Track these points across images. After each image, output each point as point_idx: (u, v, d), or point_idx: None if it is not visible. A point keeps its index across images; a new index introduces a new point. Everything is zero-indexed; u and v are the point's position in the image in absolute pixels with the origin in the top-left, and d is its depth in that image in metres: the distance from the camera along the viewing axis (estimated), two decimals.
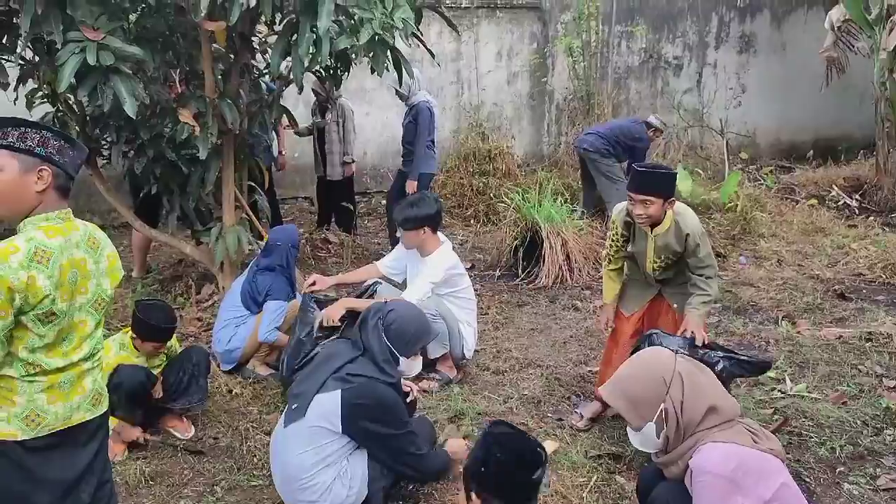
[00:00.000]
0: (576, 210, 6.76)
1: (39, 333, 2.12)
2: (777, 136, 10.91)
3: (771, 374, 4.36)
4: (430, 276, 4.24)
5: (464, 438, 3.42)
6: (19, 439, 2.14)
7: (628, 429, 2.57)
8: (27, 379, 2.14)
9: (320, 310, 4.07)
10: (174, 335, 3.92)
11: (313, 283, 4.30)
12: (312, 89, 6.66)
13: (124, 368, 3.59)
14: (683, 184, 7.54)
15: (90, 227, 2.33)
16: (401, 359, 3.08)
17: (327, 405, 2.88)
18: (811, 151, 10.22)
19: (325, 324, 3.96)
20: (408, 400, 3.35)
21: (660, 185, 3.46)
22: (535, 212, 6.21)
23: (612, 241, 3.86)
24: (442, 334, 4.21)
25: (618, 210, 3.79)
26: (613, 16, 9.70)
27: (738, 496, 2.25)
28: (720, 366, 3.23)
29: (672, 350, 2.72)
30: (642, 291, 3.88)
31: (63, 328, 2.18)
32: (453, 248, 4.53)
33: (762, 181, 8.79)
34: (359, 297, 4.45)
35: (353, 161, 7.25)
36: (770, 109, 10.64)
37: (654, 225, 3.57)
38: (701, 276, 3.59)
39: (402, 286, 4.53)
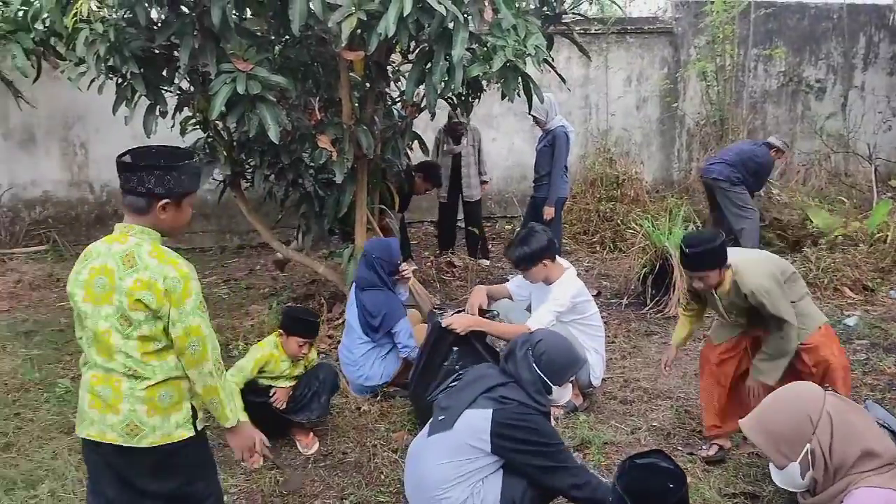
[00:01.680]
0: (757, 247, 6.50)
1: (78, 333, 2.45)
2: None
3: None
4: (555, 305, 4.19)
5: None
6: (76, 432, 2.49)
7: (771, 465, 2.43)
8: (82, 369, 2.47)
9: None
10: (314, 349, 4.08)
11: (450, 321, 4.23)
12: (454, 122, 6.92)
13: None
14: (818, 217, 7.14)
15: (143, 248, 2.33)
16: (553, 388, 3.05)
17: (477, 422, 2.89)
18: None
19: (457, 330, 4.03)
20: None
21: (709, 261, 3.49)
22: (666, 239, 6.04)
23: (685, 295, 3.97)
24: None
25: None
26: (750, 38, 9.37)
27: None
28: None
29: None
30: (731, 326, 3.78)
31: (89, 331, 2.38)
32: (578, 274, 4.47)
33: None
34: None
35: (490, 180, 7.53)
36: None
37: (716, 288, 3.59)
38: (775, 326, 3.50)
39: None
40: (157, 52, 4.64)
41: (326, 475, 3.73)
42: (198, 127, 5.24)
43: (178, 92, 4.94)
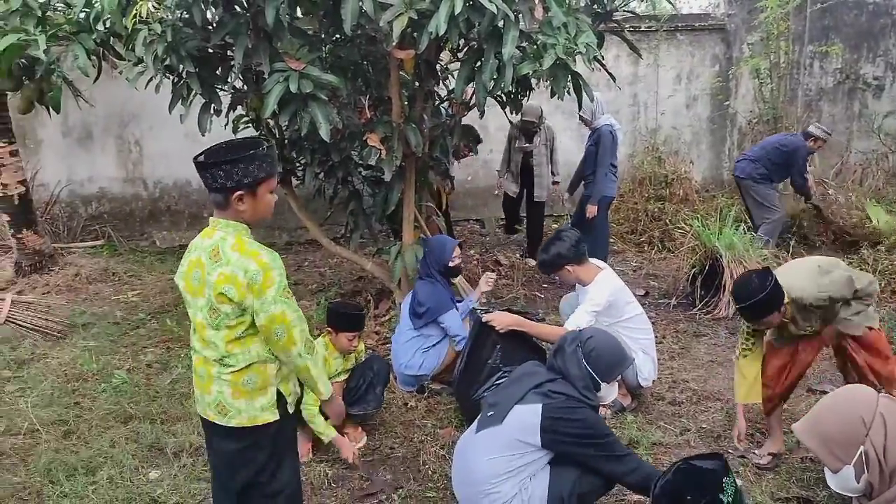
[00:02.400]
0: (760, 238, 6.40)
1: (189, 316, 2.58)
2: None
3: None
4: (591, 305, 4.16)
5: None
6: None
7: (825, 469, 2.39)
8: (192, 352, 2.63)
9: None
10: (362, 341, 4.13)
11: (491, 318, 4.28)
12: (526, 120, 6.83)
13: None
14: (878, 216, 6.95)
15: (227, 241, 2.43)
16: (601, 385, 3.08)
17: (527, 417, 2.92)
18: None
19: (496, 327, 4.06)
20: None
21: (767, 307, 3.35)
22: (716, 239, 5.95)
23: (745, 338, 3.75)
24: None
25: None
26: (806, 35, 9.16)
27: None
28: None
29: None
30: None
31: (191, 319, 2.54)
32: (626, 274, 4.43)
33: None
34: None
35: (560, 181, 7.51)
36: None
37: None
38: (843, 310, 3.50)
39: None
40: (212, 51, 4.73)
41: (375, 470, 3.77)
42: (250, 125, 5.34)
43: (232, 91, 5.03)
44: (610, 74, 5.14)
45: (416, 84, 5.21)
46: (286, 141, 5.33)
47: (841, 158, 8.90)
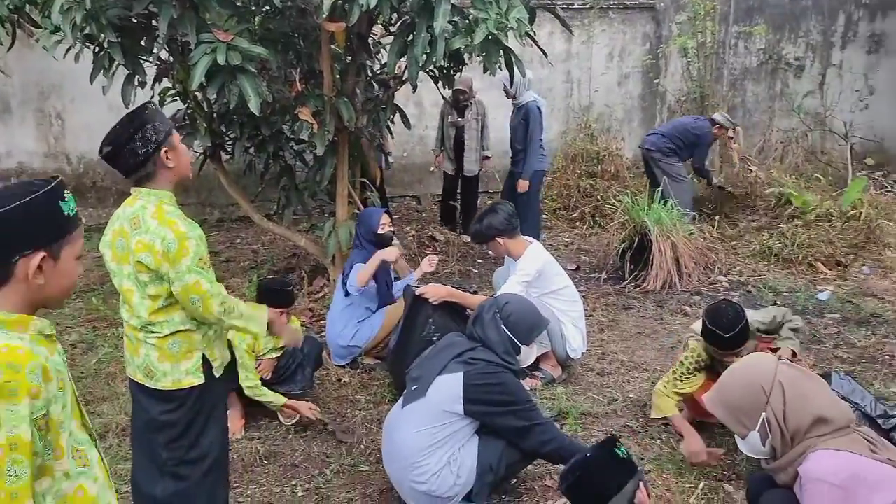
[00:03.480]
0: (687, 214, 6.59)
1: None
2: None
3: (895, 388, 4.14)
4: (521, 276, 4.25)
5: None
6: None
7: (736, 436, 2.51)
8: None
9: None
10: (294, 315, 4.10)
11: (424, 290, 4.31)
12: (456, 89, 6.75)
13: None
14: (795, 194, 7.21)
15: (148, 210, 2.43)
16: (521, 347, 3.18)
17: (449, 386, 2.97)
18: None
19: (430, 300, 4.10)
20: None
21: (745, 335, 3.32)
22: (645, 214, 6.09)
23: (688, 368, 3.56)
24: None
25: (699, 346, 3.53)
26: (731, 15, 9.39)
27: None
28: None
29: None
30: None
31: (118, 288, 2.53)
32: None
33: (890, 188, 8.29)
34: None
35: (491, 155, 7.49)
36: None
37: None
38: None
39: None
40: (135, 20, 4.57)
41: (307, 445, 3.77)
42: (177, 98, 5.20)
43: (157, 62, 4.88)
44: (542, 51, 5.18)
45: (349, 58, 5.16)
46: (215, 114, 5.21)
47: (763, 137, 9.18)
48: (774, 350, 3.58)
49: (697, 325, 3.54)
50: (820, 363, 4.54)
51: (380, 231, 4.63)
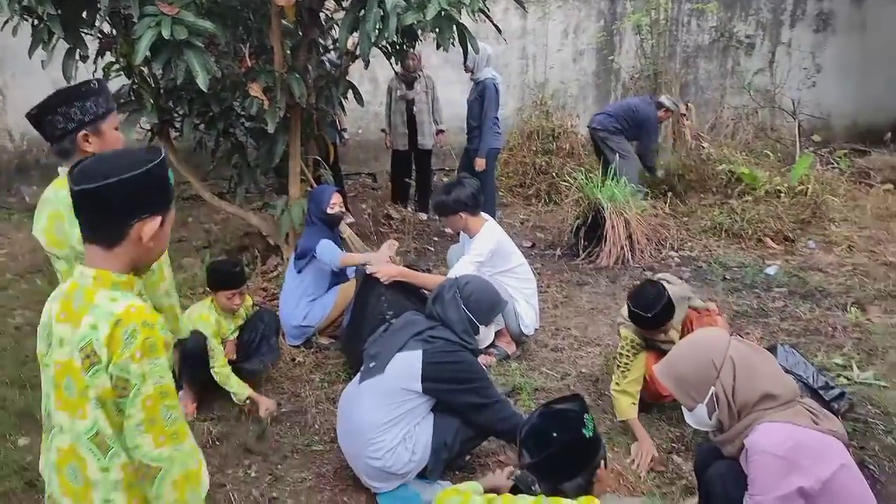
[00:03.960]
0: (640, 191, 6.66)
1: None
2: (853, 118, 10.50)
3: (837, 359, 4.28)
4: (474, 256, 4.26)
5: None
6: None
7: (683, 408, 2.55)
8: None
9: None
10: (247, 293, 4.06)
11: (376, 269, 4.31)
12: (403, 63, 6.67)
13: (192, 335, 3.73)
14: (746, 175, 7.33)
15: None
16: (480, 328, 3.21)
17: (408, 364, 2.99)
18: (889, 134, 9.81)
19: (381, 279, 4.07)
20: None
21: (668, 313, 3.42)
22: (598, 191, 6.15)
23: (627, 356, 3.60)
24: None
25: (630, 331, 3.60)
26: None
27: (793, 475, 2.21)
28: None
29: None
30: None
31: (59, 272, 2.48)
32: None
33: (835, 164, 8.49)
34: None
35: (445, 129, 7.42)
36: (846, 90, 10.25)
37: None
38: None
39: None
40: None
41: (260, 426, 3.73)
42: (122, 73, 5.04)
43: (100, 35, 4.72)
44: (496, 27, 5.15)
45: (300, 33, 5.07)
46: (162, 90, 5.08)
47: (715, 114, 9.31)
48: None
49: (625, 311, 3.59)
50: (767, 336, 4.65)
51: (329, 210, 4.58)
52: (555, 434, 2.22)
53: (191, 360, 3.70)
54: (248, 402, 3.79)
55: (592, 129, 7.43)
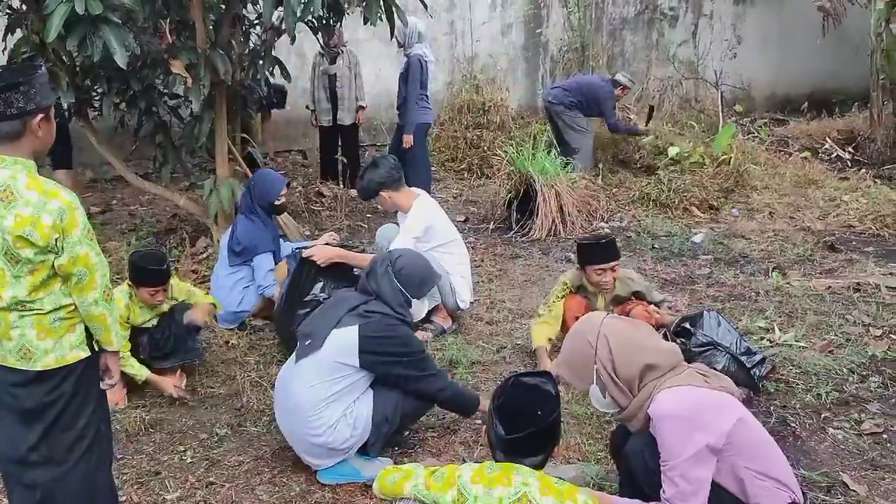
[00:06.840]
0: (571, 162, 6.75)
1: None
2: (772, 88, 10.85)
3: (760, 322, 4.44)
4: (409, 233, 4.28)
5: None
6: None
7: (590, 394, 2.60)
8: None
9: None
10: (175, 280, 3.96)
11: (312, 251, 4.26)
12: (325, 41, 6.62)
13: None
14: (672, 149, 7.49)
15: (20, 180, 2.21)
16: (413, 301, 3.24)
17: (345, 339, 2.99)
18: (806, 104, 10.17)
19: (317, 261, 4.05)
20: None
21: (613, 251, 3.90)
22: (529, 164, 6.20)
23: (556, 294, 4.08)
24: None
25: (568, 276, 4.11)
26: None
27: (698, 433, 2.29)
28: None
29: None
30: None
31: None
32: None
33: (756, 134, 8.77)
34: None
35: (366, 106, 7.33)
36: (766, 61, 10.57)
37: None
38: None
39: None
40: None
41: (194, 411, 3.68)
42: (33, 52, 4.81)
43: (8, 11, 4.50)
44: (422, 1, 5.11)
45: (223, 7, 4.93)
46: (78, 68, 4.87)
47: (641, 85, 9.48)
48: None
49: (568, 274, 4.07)
50: (694, 303, 4.80)
51: (277, 203, 4.54)
52: (539, 412, 2.26)
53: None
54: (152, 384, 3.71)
55: (548, 103, 7.54)
